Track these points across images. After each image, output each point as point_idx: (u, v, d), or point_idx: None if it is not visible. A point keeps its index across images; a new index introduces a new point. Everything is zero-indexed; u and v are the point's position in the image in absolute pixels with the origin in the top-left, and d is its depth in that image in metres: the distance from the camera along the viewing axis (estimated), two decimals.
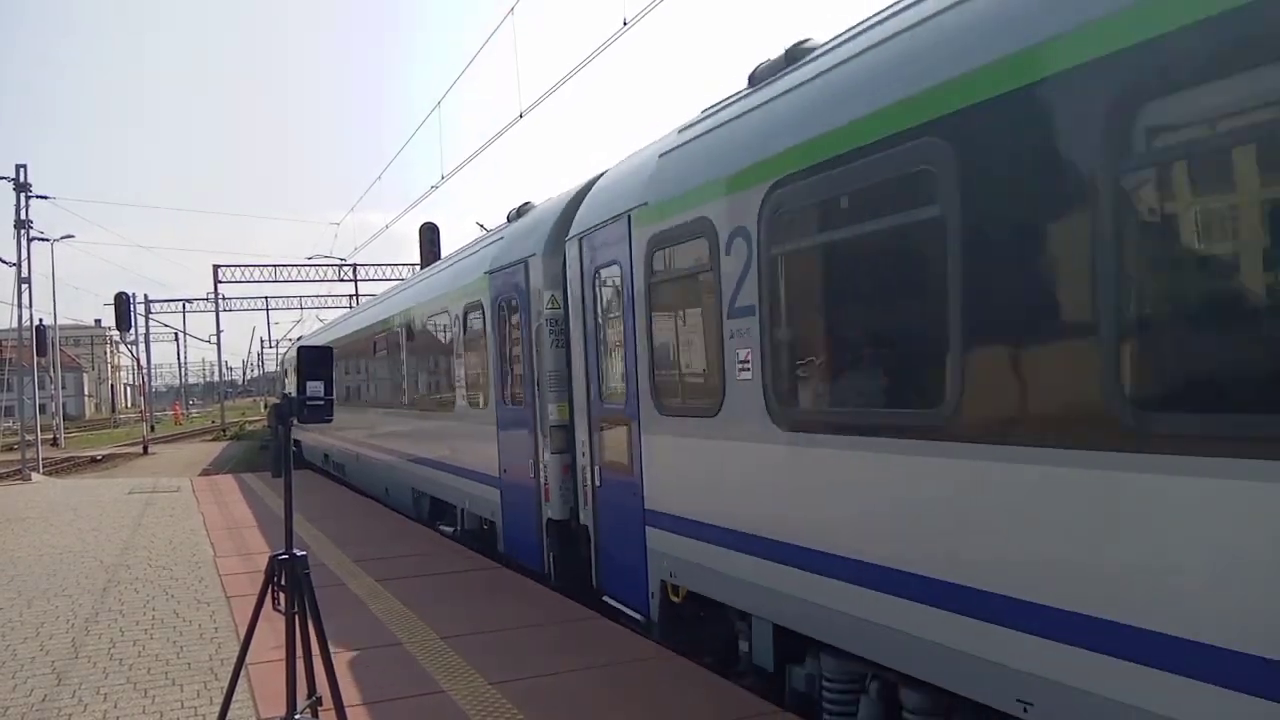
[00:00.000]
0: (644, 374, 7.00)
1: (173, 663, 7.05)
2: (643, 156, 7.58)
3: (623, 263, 7.30)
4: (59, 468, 33.49)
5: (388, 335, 16.41)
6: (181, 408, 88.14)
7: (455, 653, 6.90)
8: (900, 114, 4.45)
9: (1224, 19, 3.09)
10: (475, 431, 11.34)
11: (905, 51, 4.60)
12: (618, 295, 7.56)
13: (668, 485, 6.82)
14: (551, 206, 9.62)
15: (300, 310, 63.84)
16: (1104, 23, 3.52)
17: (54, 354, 42.00)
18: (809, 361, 5.37)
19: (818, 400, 5.26)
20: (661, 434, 6.83)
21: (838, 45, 5.33)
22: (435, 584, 9.37)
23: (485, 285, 10.76)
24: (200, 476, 25.73)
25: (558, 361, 8.93)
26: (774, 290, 5.46)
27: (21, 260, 32.71)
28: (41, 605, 9.16)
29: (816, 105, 5.18)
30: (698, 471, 6.38)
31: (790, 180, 5.21)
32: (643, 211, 6.92)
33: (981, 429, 4.04)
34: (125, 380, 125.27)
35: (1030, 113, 3.82)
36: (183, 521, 15.04)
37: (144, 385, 65.07)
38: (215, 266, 53.75)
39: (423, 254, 33.61)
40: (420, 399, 14.40)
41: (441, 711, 5.73)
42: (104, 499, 19.06)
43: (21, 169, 32.80)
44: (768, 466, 5.56)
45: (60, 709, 6.11)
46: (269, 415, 4.90)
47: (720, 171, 5.96)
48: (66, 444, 47.41)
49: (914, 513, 4.46)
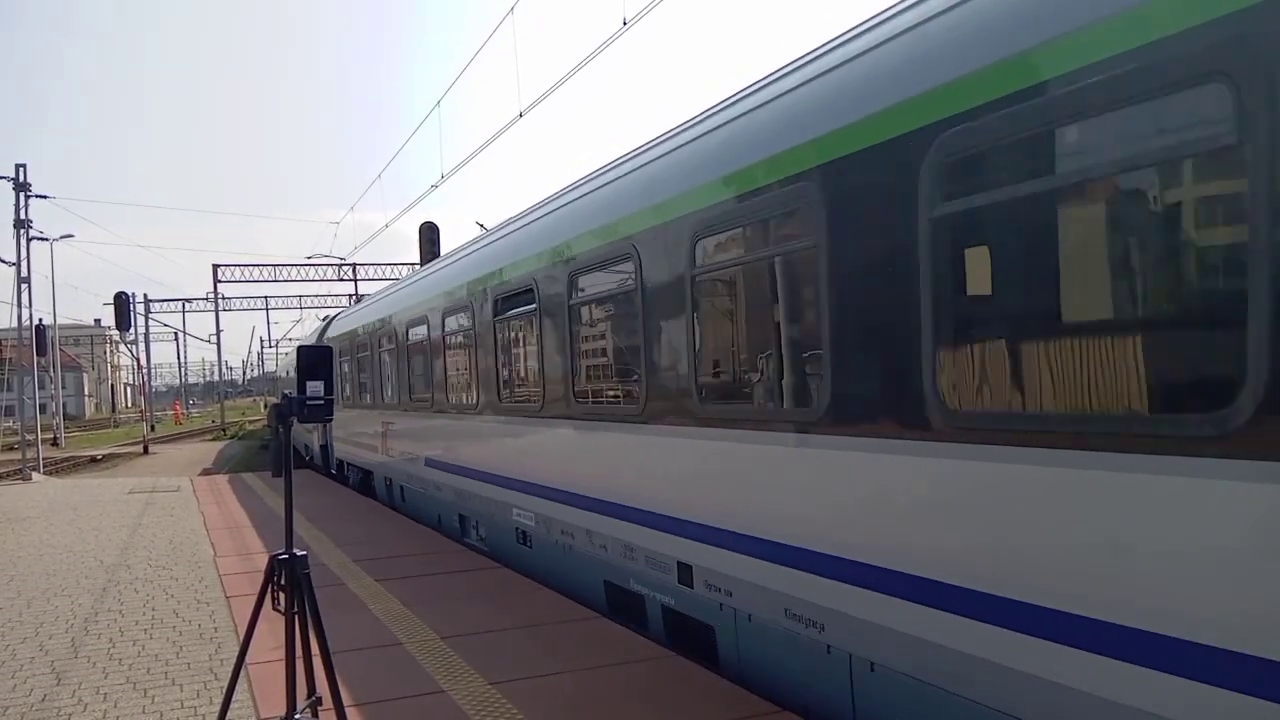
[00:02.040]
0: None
1: (172, 663, 7.04)
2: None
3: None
4: (59, 467, 33.50)
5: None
6: (182, 407, 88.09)
7: (455, 653, 6.90)
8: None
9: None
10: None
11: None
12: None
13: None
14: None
15: (300, 310, 63.86)
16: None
17: (54, 354, 41.99)
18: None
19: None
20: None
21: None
22: (435, 584, 9.36)
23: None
24: (200, 476, 25.72)
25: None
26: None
27: (21, 260, 32.74)
28: (41, 605, 9.15)
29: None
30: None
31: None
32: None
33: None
34: (125, 380, 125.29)
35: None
36: (183, 521, 15.03)
37: (144, 385, 65.08)
38: (215, 266, 53.79)
39: (422, 253, 33.67)
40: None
41: (441, 711, 5.73)
42: (104, 499, 19.05)
43: (21, 168, 32.83)
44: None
45: (60, 709, 6.10)
46: (269, 415, 4.89)
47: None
48: (66, 444, 47.42)
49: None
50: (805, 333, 5.55)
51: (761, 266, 5.91)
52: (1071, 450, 3.76)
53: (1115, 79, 3.55)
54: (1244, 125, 3.16)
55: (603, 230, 7.77)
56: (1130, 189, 3.71)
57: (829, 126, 5.11)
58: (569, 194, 9.09)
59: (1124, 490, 3.57)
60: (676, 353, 6.68)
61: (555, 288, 8.71)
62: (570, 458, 8.66)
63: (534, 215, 9.84)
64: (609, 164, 8.46)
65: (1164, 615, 3.43)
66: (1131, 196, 3.73)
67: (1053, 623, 3.84)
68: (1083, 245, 3.90)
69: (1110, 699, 3.60)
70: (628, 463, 7.52)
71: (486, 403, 10.94)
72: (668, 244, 6.70)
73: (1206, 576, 3.31)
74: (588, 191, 8.47)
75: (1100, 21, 3.62)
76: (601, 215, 7.86)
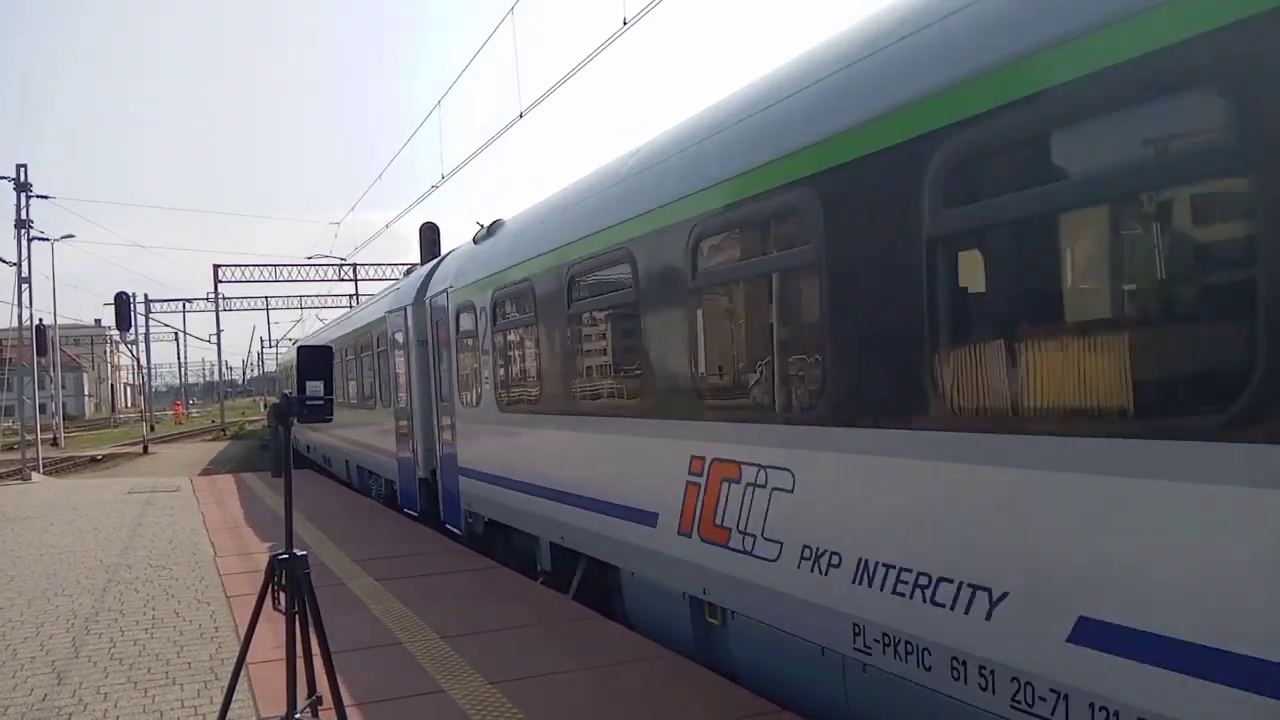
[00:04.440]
0: (454, 384, 12.16)
1: (173, 662, 7.05)
2: (460, 252, 12.72)
3: (443, 319, 12.39)
4: (59, 467, 33.49)
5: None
6: (183, 407, 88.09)
7: (455, 653, 6.90)
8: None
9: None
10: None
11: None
12: (445, 337, 12.42)
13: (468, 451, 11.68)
14: (417, 275, 15.27)
15: (300, 310, 63.88)
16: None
17: (54, 354, 42.01)
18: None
19: (512, 399, 10.06)
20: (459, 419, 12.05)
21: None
22: (435, 584, 9.37)
23: (385, 320, 15.98)
24: (200, 476, 25.73)
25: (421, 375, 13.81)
26: (498, 343, 10.43)
27: (22, 260, 32.75)
28: (42, 605, 9.16)
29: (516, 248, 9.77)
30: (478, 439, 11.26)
31: (505, 287, 9.95)
32: (452, 292, 12.00)
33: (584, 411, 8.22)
34: (125, 380, 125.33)
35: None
36: (183, 521, 15.04)
37: (144, 385, 65.07)
38: (215, 266, 53.84)
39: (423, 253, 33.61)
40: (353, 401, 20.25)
41: (441, 711, 5.73)
42: (104, 499, 19.06)
43: (22, 169, 32.86)
44: (500, 434, 10.45)
45: (60, 708, 6.11)
46: (269, 415, 4.90)
47: (484, 274, 10.64)
48: (66, 444, 47.39)
49: (550, 454, 9.00)
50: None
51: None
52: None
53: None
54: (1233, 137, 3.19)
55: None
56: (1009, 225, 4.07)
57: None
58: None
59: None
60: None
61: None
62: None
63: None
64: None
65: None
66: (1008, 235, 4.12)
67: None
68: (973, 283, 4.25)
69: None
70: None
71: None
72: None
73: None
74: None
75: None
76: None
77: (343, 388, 21.10)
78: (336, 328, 24.75)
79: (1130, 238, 3.72)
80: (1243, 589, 3.05)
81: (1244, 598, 3.05)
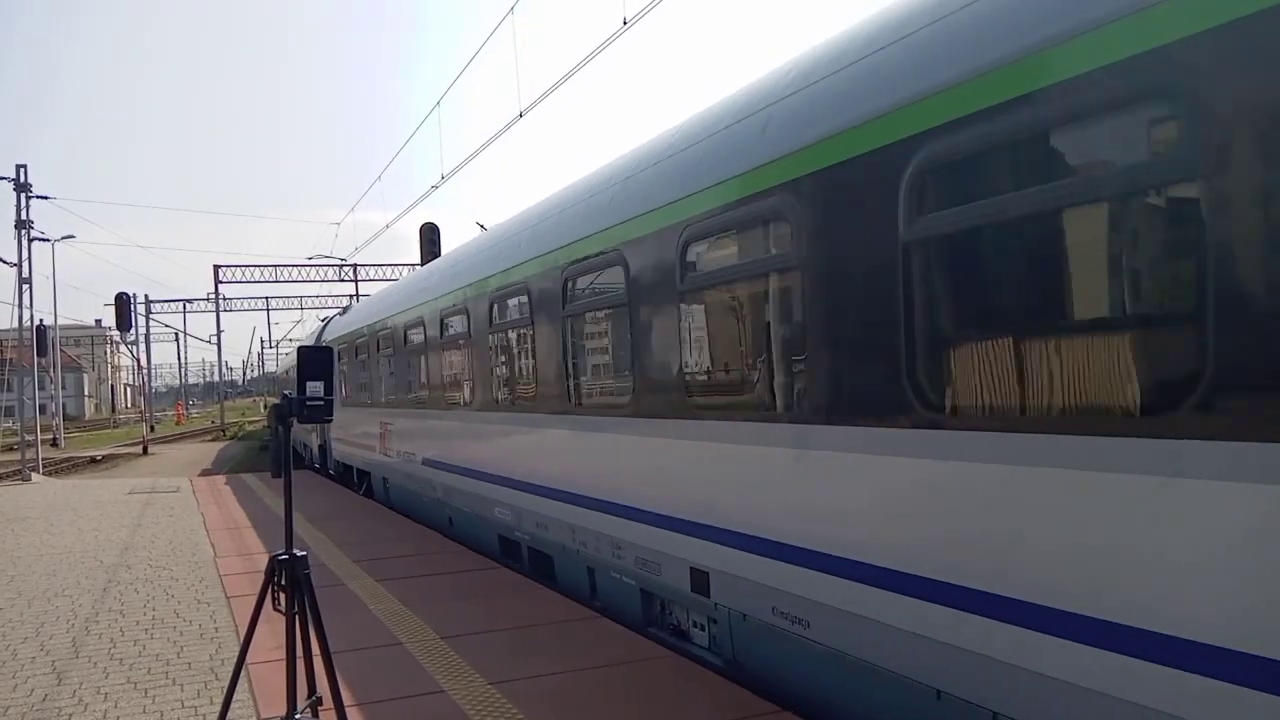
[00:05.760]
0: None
1: (173, 663, 7.05)
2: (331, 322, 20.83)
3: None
4: (59, 468, 33.49)
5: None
6: (184, 407, 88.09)
7: (455, 653, 6.90)
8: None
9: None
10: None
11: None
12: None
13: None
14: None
15: (300, 310, 63.87)
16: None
17: (54, 354, 41.99)
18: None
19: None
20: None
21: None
22: (435, 584, 9.37)
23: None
24: (200, 477, 25.73)
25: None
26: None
27: (22, 260, 32.74)
28: (42, 605, 9.16)
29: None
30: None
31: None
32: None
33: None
34: (125, 380, 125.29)
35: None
36: (183, 521, 15.04)
37: (144, 385, 65.06)
38: (216, 267, 53.81)
39: (423, 253, 33.63)
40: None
41: (441, 711, 5.73)
42: (104, 499, 19.06)
43: (22, 169, 32.85)
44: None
45: (60, 709, 6.11)
46: (269, 416, 4.90)
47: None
48: (66, 444, 47.41)
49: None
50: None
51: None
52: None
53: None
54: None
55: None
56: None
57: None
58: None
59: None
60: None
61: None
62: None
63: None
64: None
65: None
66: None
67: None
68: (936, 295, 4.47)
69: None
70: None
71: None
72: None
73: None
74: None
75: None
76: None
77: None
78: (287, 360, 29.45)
79: (1091, 241, 3.89)
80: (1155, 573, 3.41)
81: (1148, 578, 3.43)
